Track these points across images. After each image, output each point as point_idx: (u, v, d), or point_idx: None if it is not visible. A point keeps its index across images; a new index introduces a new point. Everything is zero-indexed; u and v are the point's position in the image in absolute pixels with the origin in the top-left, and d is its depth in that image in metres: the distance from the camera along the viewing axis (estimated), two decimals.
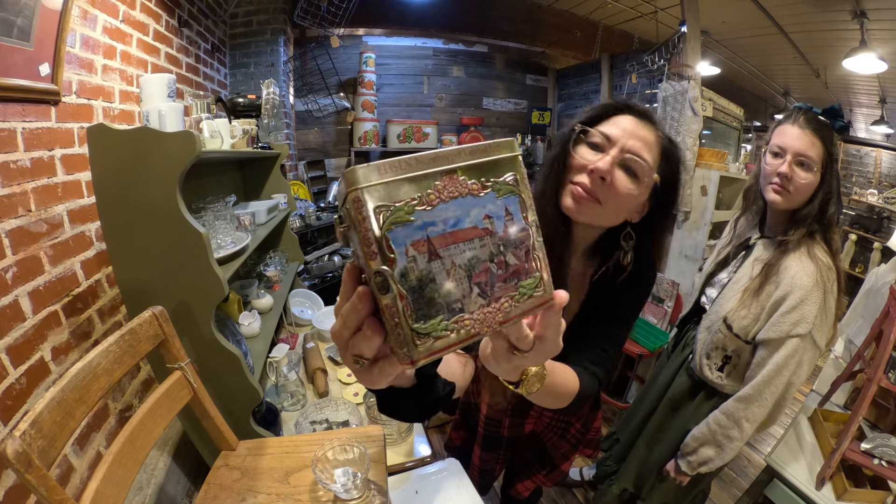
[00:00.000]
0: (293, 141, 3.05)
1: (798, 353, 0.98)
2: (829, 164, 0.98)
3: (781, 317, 0.98)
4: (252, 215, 1.54)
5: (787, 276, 0.98)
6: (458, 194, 0.28)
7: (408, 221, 0.26)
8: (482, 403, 1.10)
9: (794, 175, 0.98)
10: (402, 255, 0.26)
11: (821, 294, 0.96)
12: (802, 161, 0.98)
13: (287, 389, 1.41)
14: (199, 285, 1.05)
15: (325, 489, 0.88)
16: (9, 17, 0.99)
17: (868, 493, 1.17)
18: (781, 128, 1.03)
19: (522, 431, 1.11)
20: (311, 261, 2.85)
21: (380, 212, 0.26)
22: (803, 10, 2.71)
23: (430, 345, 0.28)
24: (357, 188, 0.26)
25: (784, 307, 0.98)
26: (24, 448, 0.56)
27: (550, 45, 3.60)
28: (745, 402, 1.04)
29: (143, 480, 1.27)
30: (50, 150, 1.14)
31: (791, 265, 0.99)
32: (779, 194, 1.02)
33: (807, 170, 0.98)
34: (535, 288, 0.31)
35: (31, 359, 1.00)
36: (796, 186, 0.99)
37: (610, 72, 3.37)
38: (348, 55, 3.22)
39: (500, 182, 0.29)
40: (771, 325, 0.99)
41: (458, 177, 0.28)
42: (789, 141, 0.99)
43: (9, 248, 0.97)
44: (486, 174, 0.29)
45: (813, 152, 0.97)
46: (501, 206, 0.29)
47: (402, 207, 0.26)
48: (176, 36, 1.94)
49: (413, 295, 0.27)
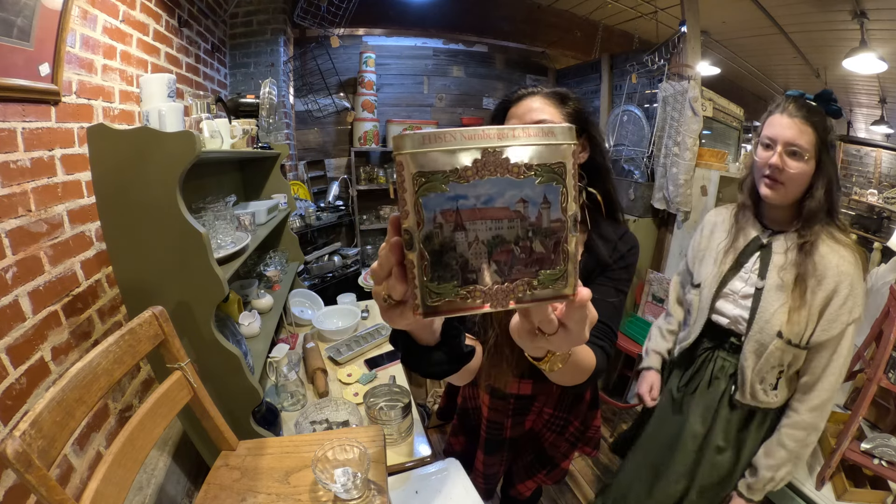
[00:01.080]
0: (293, 141, 3.05)
1: (852, 336, 0.96)
2: (824, 151, 0.94)
3: (838, 310, 0.94)
4: (252, 215, 1.54)
5: (829, 267, 0.94)
6: (495, 174, 0.28)
7: (442, 191, 0.28)
8: (483, 406, 1.10)
9: (785, 166, 0.95)
10: (430, 220, 0.28)
11: (861, 273, 0.94)
12: (794, 150, 0.94)
13: (287, 389, 1.41)
14: (199, 285, 1.05)
15: (325, 489, 0.88)
16: (9, 17, 0.99)
17: (868, 493, 1.17)
18: (771, 118, 0.99)
19: (523, 430, 1.11)
20: (311, 261, 2.85)
21: (418, 178, 0.28)
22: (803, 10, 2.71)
23: (439, 303, 0.30)
24: (402, 153, 0.28)
25: (837, 300, 0.94)
26: (24, 448, 0.56)
27: (550, 45, 3.60)
28: (820, 409, 1.00)
29: (143, 480, 1.27)
30: (50, 150, 1.13)
31: (827, 255, 0.95)
32: (771, 188, 0.99)
33: (798, 159, 0.94)
34: (557, 280, 0.31)
35: (31, 359, 1.00)
36: (789, 177, 0.95)
37: (610, 72, 3.37)
38: (348, 55, 3.22)
39: (544, 168, 0.29)
40: (829, 323, 0.95)
41: (499, 156, 0.28)
42: (779, 131, 0.95)
43: (9, 248, 0.97)
44: (532, 156, 0.29)
45: (803, 140, 0.93)
46: (540, 192, 0.29)
47: (437, 177, 0.28)
48: (176, 36, 1.94)
49: (433, 257, 0.29)
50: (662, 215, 2.65)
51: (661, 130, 2.55)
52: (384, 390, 1.35)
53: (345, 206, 3.24)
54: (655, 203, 2.58)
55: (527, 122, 0.76)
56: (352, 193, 3.28)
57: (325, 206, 3.12)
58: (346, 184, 3.33)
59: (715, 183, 2.32)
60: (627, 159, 2.89)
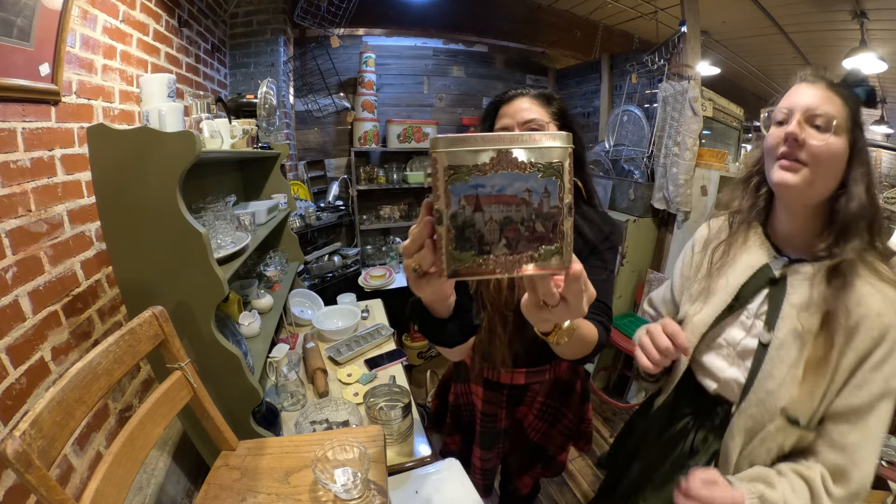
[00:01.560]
0: (293, 141, 3.05)
1: (887, 416, 0.67)
2: (858, 131, 0.67)
3: (870, 374, 0.65)
4: (252, 215, 1.54)
5: (867, 316, 0.65)
6: (507, 169, 0.36)
7: (465, 181, 0.36)
8: (476, 399, 1.13)
9: (807, 137, 0.66)
10: (456, 202, 0.37)
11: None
12: (816, 118, 0.66)
13: (287, 389, 1.41)
14: (199, 285, 1.05)
15: (325, 489, 0.88)
16: (9, 17, 0.99)
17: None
18: (790, 91, 0.73)
19: (517, 420, 1.15)
20: (311, 261, 2.85)
21: (448, 170, 0.36)
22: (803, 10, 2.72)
23: (461, 268, 0.38)
24: (437, 151, 0.36)
25: (874, 360, 0.65)
26: (24, 448, 0.56)
27: (550, 45, 3.60)
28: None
29: (143, 480, 1.27)
30: (50, 150, 1.13)
31: (866, 297, 0.66)
32: (789, 170, 0.68)
33: (824, 130, 0.66)
34: (554, 255, 0.39)
35: (31, 359, 1.00)
36: (813, 154, 0.66)
37: (610, 72, 3.37)
38: (348, 55, 3.22)
39: (545, 165, 0.37)
40: (855, 388, 0.66)
41: (509, 153, 0.36)
42: (797, 99, 0.68)
43: (9, 248, 0.97)
44: (535, 156, 0.36)
45: (831, 107, 0.66)
46: (542, 184, 0.37)
47: (462, 170, 0.36)
48: (176, 36, 1.94)
49: (457, 231, 0.37)
50: (662, 215, 2.65)
51: (661, 130, 2.55)
52: (384, 390, 1.35)
53: (345, 206, 3.24)
54: (655, 203, 2.58)
55: (518, 121, 0.89)
56: (352, 193, 3.28)
57: (325, 206, 3.12)
58: (346, 184, 3.33)
59: (715, 183, 2.32)
60: (627, 159, 2.89)
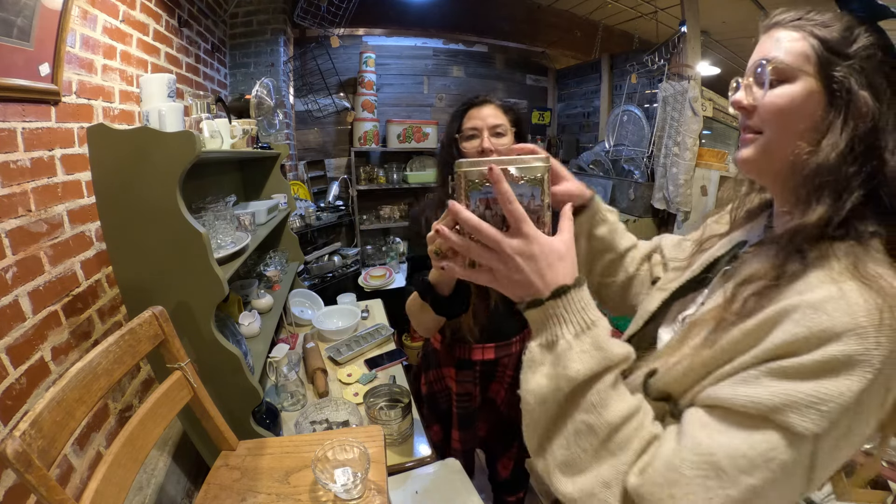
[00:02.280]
0: (293, 141, 3.05)
1: (764, 450, 0.40)
2: (834, 68, 0.47)
3: (767, 378, 0.42)
4: (252, 215, 1.54)
5: (799, 306, 0.42)
6: (506, 180, 0.48)
7: (478, 189, 0.49)
8: (451, 381, 1.22)
9: (755, 98, 0.52)
10: (474, 203, 0.49)
11: (878, 358, 0.39)
12: (767, 72, 0.50)
13: (287, 389, 1.41)
14: (199, 285, 1.05)
15: (325, 489, 0.88)
16: (9, 17, 0.99)
17: (868, 493, 1.17)
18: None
19: (491, 397, 1.23)
20: (311, 261, 2.85)
21: (468, 182, 0.49)
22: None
23: None
24: (461, 169, 0.49)
25: (782, 365, 0.41)
26: (24, 448, 0.56)
27: (550, 45, 3.60)
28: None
29: (143, 480, 1.27)
30: (50, 150, 1.13)
31: (813, 286, 0.43)
32: (745, 144, 0.54)
33: (779, 81, 0.50)
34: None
35: (31, 359, 1.00)
36: (761, 116, 0.51)
37: (610, 72, 3.37)
38: (348, 55, 3.22)
39: (531, 178, 0.49)
40: (739, 383, 0.43)
41: (507, 170, 0.48)
42: (752, 58, 0.55)
43: (9, 248, 0.97)
44: (524, 172, 0.49)
45: (781, 51, 0.50)
46: (529, 190, 0.49)
47: (477, 181, 0.49)
48: (176, 36, 1.94)
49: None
50: (662, 215, 2.65)
51: (661, 130, 2.56)
52: (384, 390, 1.35)
53: (345, 206, 3.24)
54: (655, 203, 2.58)
55: (488, 125, 1.05)
56: (352, 193, 3.28)
57: (325, 206, 3.12)
58: (346, 184, 3.33)
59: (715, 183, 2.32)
60: (627, 159, 2.89)
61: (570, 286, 0.47)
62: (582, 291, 0.48)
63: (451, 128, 1.11)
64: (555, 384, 0.45)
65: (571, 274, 0.49)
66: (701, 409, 0.46)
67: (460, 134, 1.09)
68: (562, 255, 0.48)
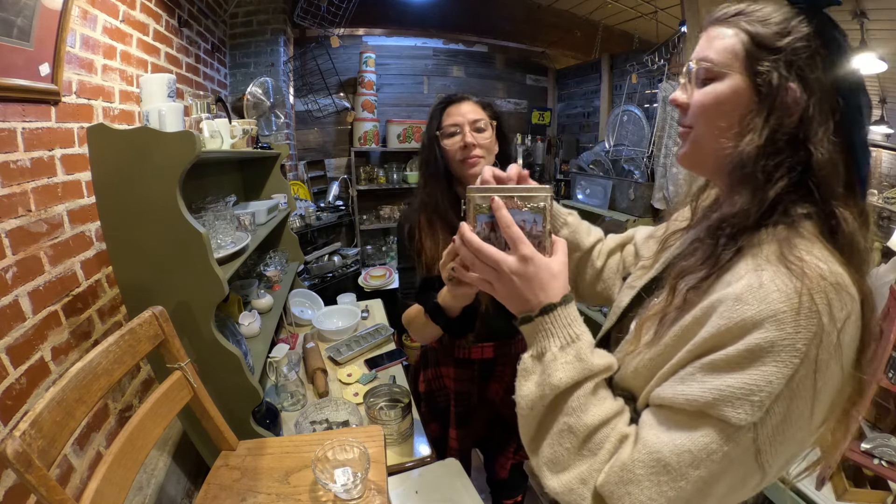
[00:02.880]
0: (293, 141, 3.05)
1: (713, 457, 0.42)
2: (763, 63, 0.46)
3: (700, 373, 0.43)
4: (252, 215, 1.54)
5: (726, 297, 0.43)
6: (510, 207, 0.53)
7: (485, 213, 0.54)
8: (448, 381, 1.22)
9: (688, 99, 0.53)
10: (481, 226, 0.55)
11: (802, 341, 0.39)
12: (699, 70, 0.52)
13: (287, 389, 1.41)
14: (199, 285, 1.05)
15: (325, 489, 0.88)
16: (9, 17, 0.99)
17: (868, 493, 1.17)
18: None
19: (489, 395, 1.21)
20: (311, 261, 2.85)
21: (476, 206, 0.54)
22: None
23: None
24: (471, 195, 0.54)
25: (711, 359, 0.43)
26: (24, 448, 0.56)
27: (550, 45, 3.60)
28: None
29: (143, 480, 1.27)
30: (50, 150, 1.13)
31: (739, 276, 0.44)
32: (683, 140, 0.56)
33: (709, 79, 0.51)
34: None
35: (31, 359, 1.00)
36: (692, 114, 0.53)
37: (610, 72, 3.37)
38: (348, 55, 3.22)
39: (534, 205, 0.54)
40: (677, 382, 0.45)
41: (513, 198, 0.54)
42: (694, 52, 0.54)
43: (9, 248, 0.97)
44: (526, 200, 0.54)
45: (711, 51, 0.50)
46: (531, 217, 0.54)
47: (484, 206, 0.54)
48: (176, 36, 1.94)
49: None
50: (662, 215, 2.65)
51: (661, 130, 2.55)
52: (384, 390, 1.35)
53: (345, 206, 3.24)
54: (655, 203, 2.58)
55: (468, 120, 1.04)
56: (352, 193, 3.28)
57: (325, 206, 3.12)
58: (346, 184, 3.33)
59: None
60: (627, 159, 2.89)
61: (556, 304, 0.52)
62: (568, 308, 0.53)
63: (431, 126, 1.10)
64: (541, 391, 0.51)
65: (562, 292, 0.53)
66: (650, 410, 0.49)
67: (441, 131, 1.08)
68: (555, 274, 0.53)
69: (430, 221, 1.09)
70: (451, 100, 1.10)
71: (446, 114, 1.08)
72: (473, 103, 1.09)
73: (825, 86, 0.45)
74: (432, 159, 1.09)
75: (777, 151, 0.46)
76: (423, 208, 1.10)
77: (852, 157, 0.46)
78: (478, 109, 1.07)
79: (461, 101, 1.08)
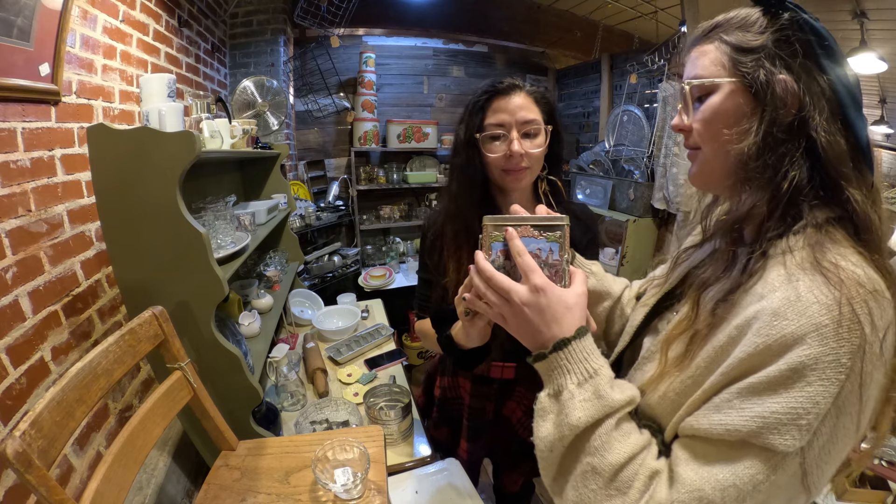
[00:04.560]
0: (293, 141, 3.05)
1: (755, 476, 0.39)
2: (747, 66, 0.47)
3: (738, 399, 0.41)
4: (252, 215, 1.54)
5: (761, 313, 0.41)
6: (525, 235, 0.53)
7: (500, 240, 0.54)
8: (464, 394, 1.15)
9: (691, 115, 0.53)
10: (495, 254, 0.55)
11: (847, 354, 0.37)
12: (694, 88, 0.52)
13: (287, 389, 1.41)
14: (199, 285, 1.05)
15: (325, 489, 0.88)
16: (9, 17, 0.99)
17: (868, 493, 1.17)
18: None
19: (504, 414, 1.15)
20: (311, 261, 2.85)
21: (492, 235, 0.55)
22: None
23: None
24: (486, 224, 0.55)
25: (751, 381, 0.40)
26: (24, 448, 0.56)
27: (550, 45, 3.60)
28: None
29: (143, 480, 1.27)
30: (50, 150, 1.13)
31: (773, 287, 0.42)
32: (692, 162, 0.56)
33: (705, 96, 0.51)
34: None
35: (31, 359, 1.00)
36: (698, 132, 0.53)
37: (610, 72, 3.37)
38: (348, 55, 3.22)
39: (551, 234, 0.53)
40: (712, 410, 0.43)
41: (527, 227, 0.54)
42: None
43: (9, 248, 0.97)
44: (542, 229, 0.53)
45: (701, 66, 0.52)
46: (548, 246, 0.53)
47: (499, 234, 0.54)
48: (176, 36, 1.94)
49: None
50: (662, 215, 2.65)
51: (661, 130, 2.55)
52: (384, 390, 1.35)
53: (345, 206, 3.24)
54: (655, 203, 2.58)
55: (517, 119, 0.87)
56: (352, 193, 3.28)
57: (325, 206, 3.12)
58: (346, 184, 3.33)
59: None
60: (627, 159, 2.89)
61: (570, 338, 0.49)
62: (583, 342, 0.49)
63: (471, 123, 0.88)
64: (560, 432, 0.47)
65: (577, 325, 0.50)
66: (682, 444, 0.46)
67: (482, 133, 0.87)
68: (569, 307, 0.50)
69: (458, 242, 0.94)
70: (498, 89, 0.87)
71: (491, 109, 0.87)
72: (525, 95, 0.87)
73: (810, 68, 0.46)
74: (469, 166, 0.90)
75: (777, 143, 0.45)
76: (448, 220, 0.96)
77: (851, 132, 0.45)
78: (531, 105, 0.87)
79: (511, 92, 0.86)
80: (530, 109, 0.87)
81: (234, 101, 1.80)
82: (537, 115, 0.87)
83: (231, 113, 1.94)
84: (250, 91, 1.95)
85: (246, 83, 1.93)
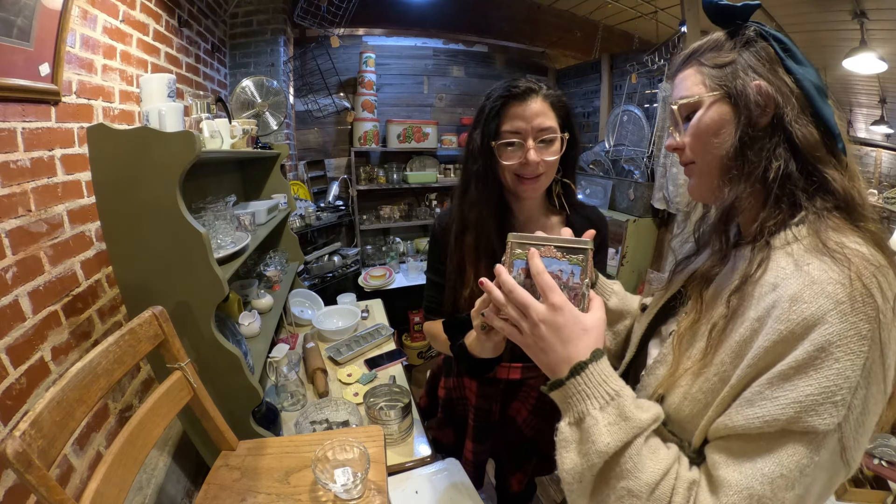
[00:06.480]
0: (293, 141, 3.05)
1: (798, 460, 0.40)
2: (729, 80, 0.52)
3: (768, 389, 0.42)
4: (252, 215, 1.54)
5: (778, 301, 0.43)
6: (548, 255, 0.54)
7: (523, 258, 0.55)
8: (470, 394, 1.14)
9: (682, 132, 0.57)
10: (517, 271, 0.55)
11: (866, 326, 0.39)
12: (681, 109, 0.56)
13: (287, 389, 1.41)
14: (199, 285, 1.05)
15: (325, 489, 0.88)
16: (9, 17, 0.99)
17: (868, 493, 1.17)
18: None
19: (510, 414, 1.15)
20: (310, 261, 2.85)
21: (515, 252, 0.56)
22: (803, 10, 2.71)
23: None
24: (510, 241, 0.56)
25: (778, 370, 0.41)
26: (24, 448, 0.56)
27: (550, 45, 3.60)
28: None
29: (143, 480, 1.27)
30: (50, 150, 1.13)
31: (782, 275, 0.45)
32: (690, 177, 0.59)
33: (690, 113, 0.56)
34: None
35: (31, 359, 1.00)
36: (691, 147, 0.56)
37: (610, 72, 3.37)
38: (348, 55, 3.22)
39: (574, 257, 0.54)
40: (745, 405, 0.43)
41: (551, 247, 0.55)
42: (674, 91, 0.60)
43: (9, 248, 0.97)
44: (565, 251, 0.54)
45: (685, 88, 0.56)
46: (570, 268, 0.54)
47: (521, 252, 0.55)
48: (176, 36, 1.94)
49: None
50: (662, 215, 2.65)
51: (661, 130, 2.55)
52: (384, 390, 1.35)
53: (345, 206, 3.23)
54: (655, 203, 2.58)
55: (534, 126, 0.85)
56: (352, 193, 3.28)
57: (325, 206, 3.12)
58: (346, 184, 3.33)
59: None
60: (627, 159, 2.89)
61: (586, 361, 0.48)
62: (600, 364, 0.49)
63: (487, 130, 0.86)
64: (588, 460, 0.45)
65: (592, 348, 0.49)
66: (717, 447, 0.46)
67: (498, 140, 0.86)
68: (586, 329, 0.50)
69: (478, 252, 0.93)
70: (514, 93, 0.85)
71: (507, 115, 0.85)
72: (542, 100, 0.85)
73: (777, 71, 0.50)
74: (488, 175, 0.89)
75: (755, 139, 0.50)
76: (468, 227, 0.94)
77: (821, 121, 0.49)
78: (547, 110, 0.85)
79: (527, 98, 0.84)
80: (547, 116, 0.85)
81: (233, 101, 1.80)
82: (553, 121, 0.86)
83: (231, 113, 1.94)
84: (250, 91, 1.95)
85: (246, 83, 1.94)
